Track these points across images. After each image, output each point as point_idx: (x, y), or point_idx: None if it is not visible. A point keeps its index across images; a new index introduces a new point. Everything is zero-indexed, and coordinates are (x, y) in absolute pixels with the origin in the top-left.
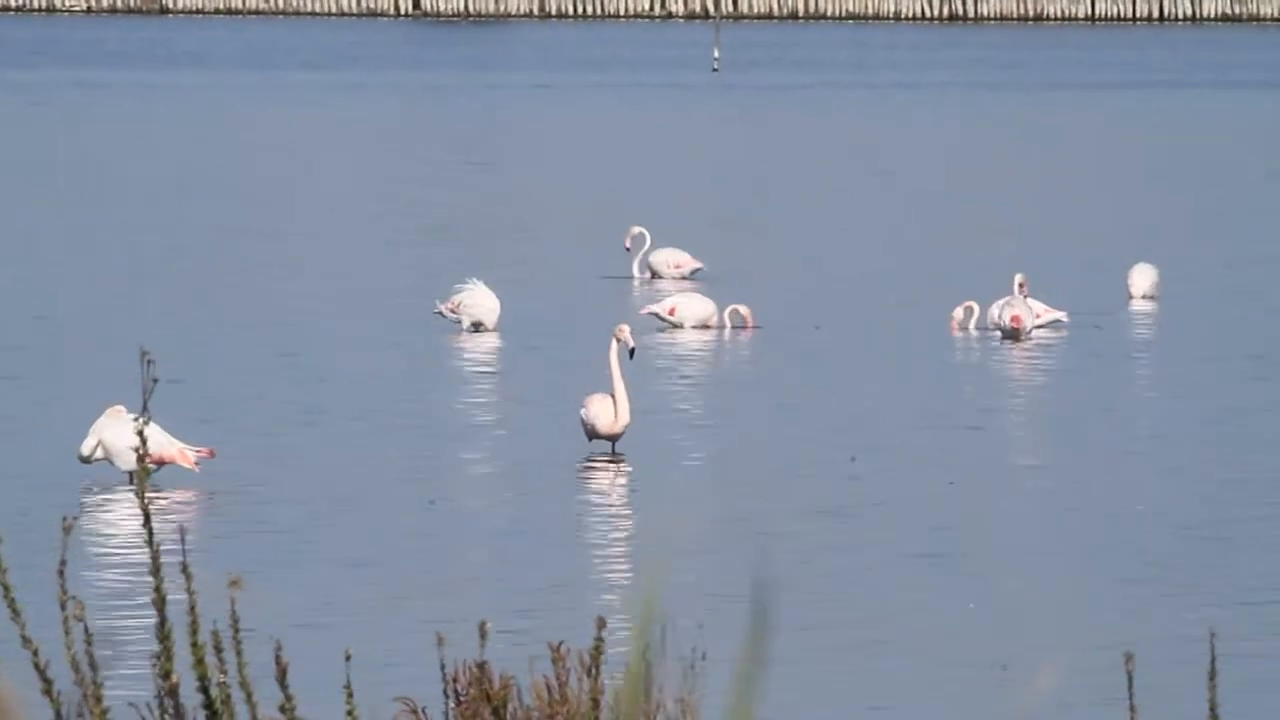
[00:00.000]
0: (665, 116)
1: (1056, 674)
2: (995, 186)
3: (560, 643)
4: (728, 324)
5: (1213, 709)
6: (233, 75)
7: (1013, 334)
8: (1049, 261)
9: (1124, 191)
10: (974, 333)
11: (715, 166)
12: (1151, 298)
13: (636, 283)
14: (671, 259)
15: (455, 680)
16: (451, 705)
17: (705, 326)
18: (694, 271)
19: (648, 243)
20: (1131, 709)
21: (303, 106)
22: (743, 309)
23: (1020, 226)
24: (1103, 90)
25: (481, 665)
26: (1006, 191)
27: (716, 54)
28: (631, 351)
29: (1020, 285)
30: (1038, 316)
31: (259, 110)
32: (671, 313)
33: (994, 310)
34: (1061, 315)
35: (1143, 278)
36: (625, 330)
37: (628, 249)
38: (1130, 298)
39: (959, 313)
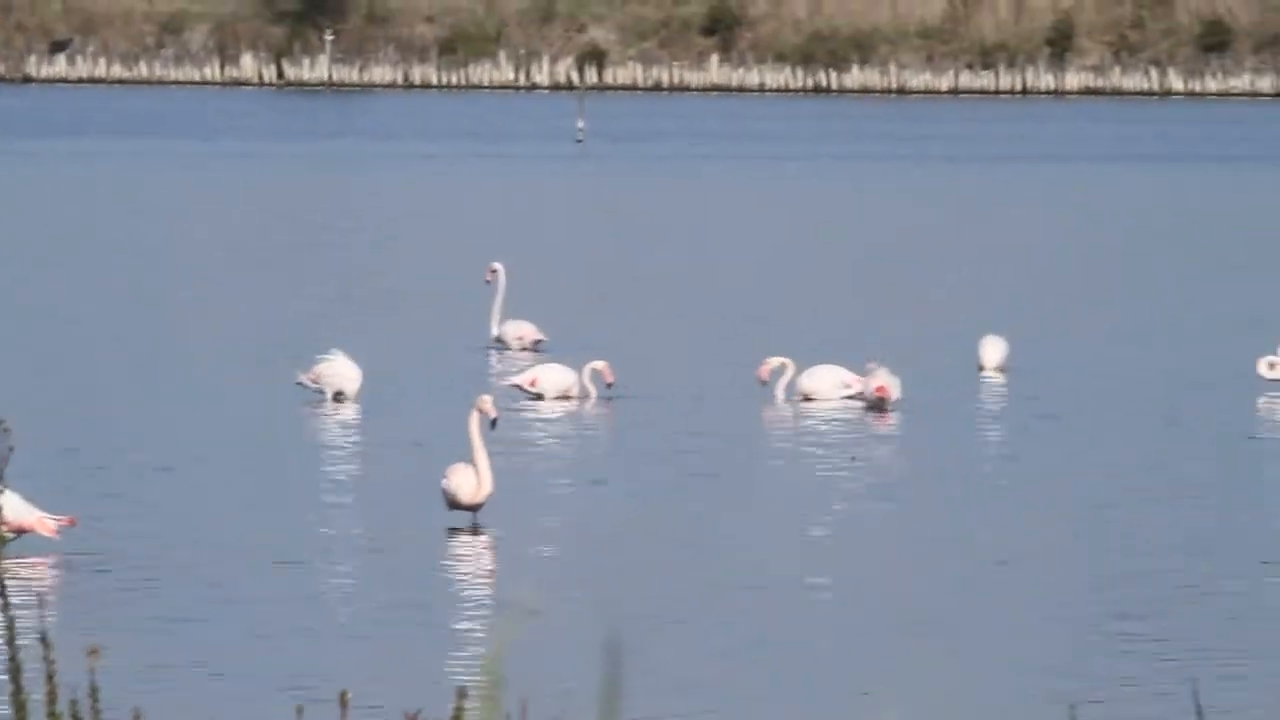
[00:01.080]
0: (529, 187)
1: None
2: (856, 256)
3: (417, 712)
4: (590, 387)
5: None
6: (103, 144)
7: (878, 404)
8: (902, 331)
9: (982, 263)
10: (781, 396)
11: (576, 237)
12: (1001, 369)
13: (496, 354)
14: (515, 331)
15: None
16: None
17: (566, 396)
18: (537, 343)
19: (502, 283)
20: None
21: (171, 173)
22: (599, 365)
23: (876, 295)
24: (968, 163)
25: None
26: (866, 261)
27: (581, 125)
28: (494, 422)
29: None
30: (847, 386)
31: (130, 177)
32: (533, 384)
33: (801, 377)
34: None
35: (993, 350)
36: (487, 402)
37: (488, 281)
38: (981, 369)
39: (773, 362)
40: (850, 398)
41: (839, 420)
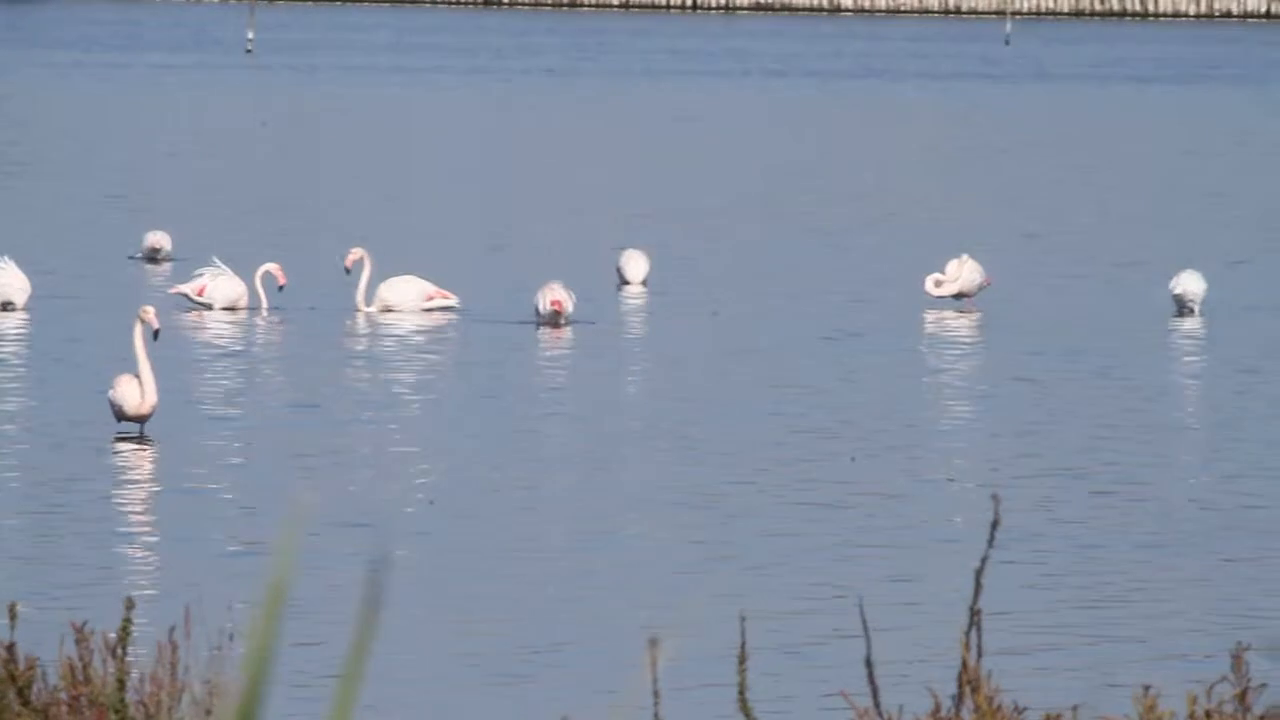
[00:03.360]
0: (195, 97)
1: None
2: (512, 169)
3: (84, 623)
4: (261, 294)
5: (741, 692)
6: None
7: (553, 319)
8: (544, 244)
9: (636, 177)
10: (362, 303)
11: (242, 147)
12: (644, 284)
13: (153, 266)
14: (148, 240)
15: None
16: None
17: (234, 307)
18: (155, 251)
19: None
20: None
21: None
22: (272, 267)
23: (523, 207)
24: (636, 78)
25: (10, 647)
26: (519, 174)
27: (251, 35)
28: (156, 333)
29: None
30: (429, 298)
31: None
32: (200, 293)
33: (381, 288)
34: (453, 299)
35: (635, 265)
36: (150, 312)
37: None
38: (625, 283)
39: (356, 252)
40: (431, 310)
41: (432, 332)
